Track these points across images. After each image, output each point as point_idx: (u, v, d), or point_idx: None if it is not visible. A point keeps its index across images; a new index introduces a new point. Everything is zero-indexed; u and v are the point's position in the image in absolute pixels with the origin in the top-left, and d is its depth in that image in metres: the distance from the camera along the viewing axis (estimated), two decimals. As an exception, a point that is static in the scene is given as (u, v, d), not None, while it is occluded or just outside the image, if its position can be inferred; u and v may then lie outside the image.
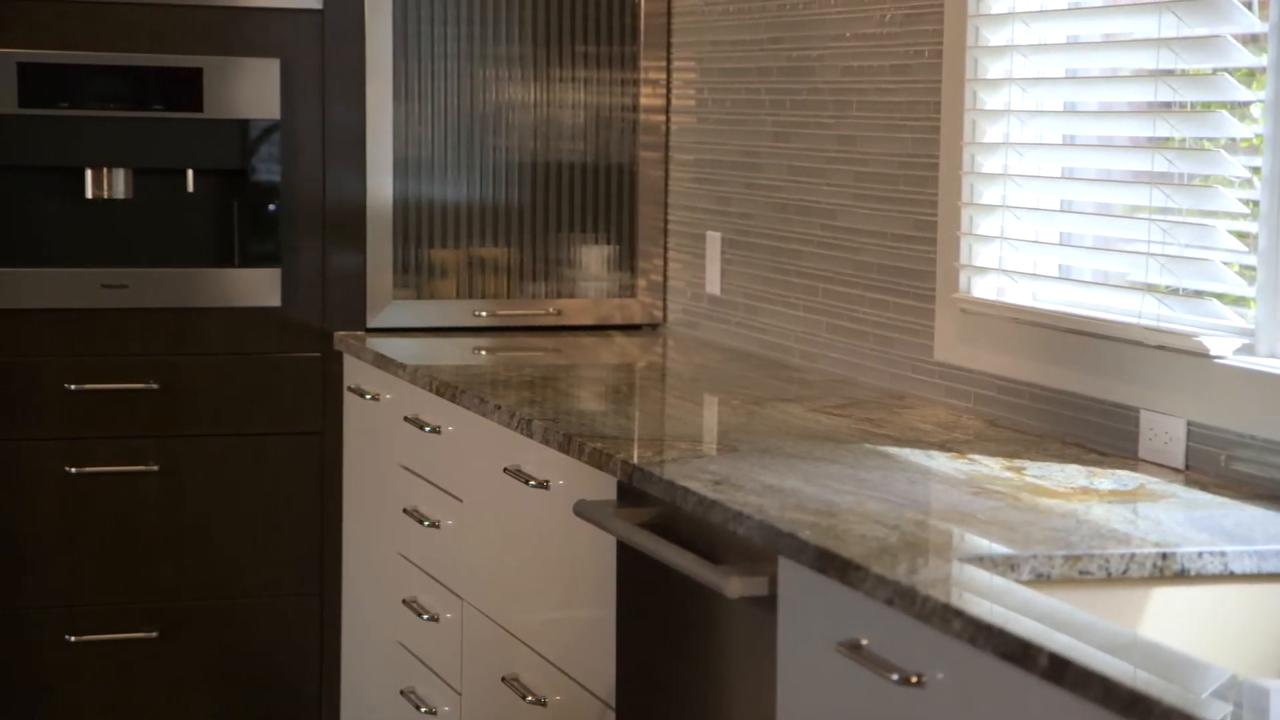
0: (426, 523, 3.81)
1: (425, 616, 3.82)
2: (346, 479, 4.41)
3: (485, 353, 4.21)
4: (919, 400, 3.49)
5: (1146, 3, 2.95)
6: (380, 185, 4.39)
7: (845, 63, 3.76)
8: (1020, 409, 3.22)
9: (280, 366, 4.38)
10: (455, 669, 3.71)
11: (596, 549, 3.04)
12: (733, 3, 4.22)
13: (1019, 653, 1.93)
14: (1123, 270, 3.03)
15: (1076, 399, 3.08)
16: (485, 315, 4.48)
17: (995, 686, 2.00)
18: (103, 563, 4.30)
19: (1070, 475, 2.79)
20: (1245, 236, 2.78)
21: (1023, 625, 1.97)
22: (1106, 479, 2.77)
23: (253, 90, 4.29)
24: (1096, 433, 3.03)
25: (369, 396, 4.19)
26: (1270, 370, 2.69)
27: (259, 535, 4.38)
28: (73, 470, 4.26)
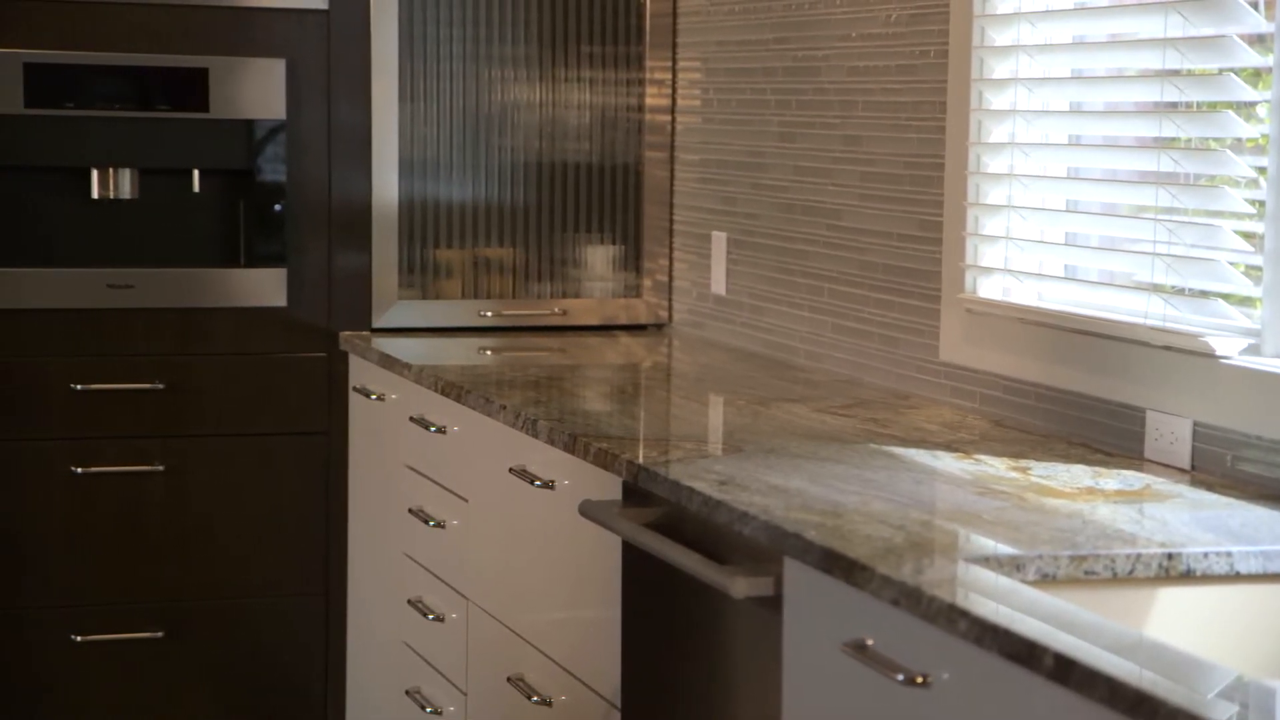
0: (432, 523, 3.81)
1: (430, 617, 3.82)
2: (352, 479, 4.41)
3: (490, 353, 4.21)
4: (924, 400, 3.49)
5: (1152, 3, 2.94)
6: (386, 185, 4.39)
7: (851, 63, 3.76)
8: (1026, 409, 3.22)
9: (286, 366, 4.38)
10: (460, 669, 3.71)
11: (602, 549, 3.04)
12: (738, 3, 4.22)
13: (1024, 653, 1.93)
14: (1128, 270, 3.03)
15: (1082, 399, 3.08)
16: (490, 315, 4.48)
17: (1001, 687, 2.00)
18: (108, 563, 4.30)
19: (1076, 475, 2.79)
20: (1251, 237, 2.78)
21: (1028, 625, 1.97)
22: (1112, 479, 2.77)
23: (258, 90, 4.29)
24: (1102, 433, 3.03)
25: (374, 396, 4.19)
26: (1276, 370, 2.69)
27: (264, 535, 4.38)
28: (78, 470, 4.26)
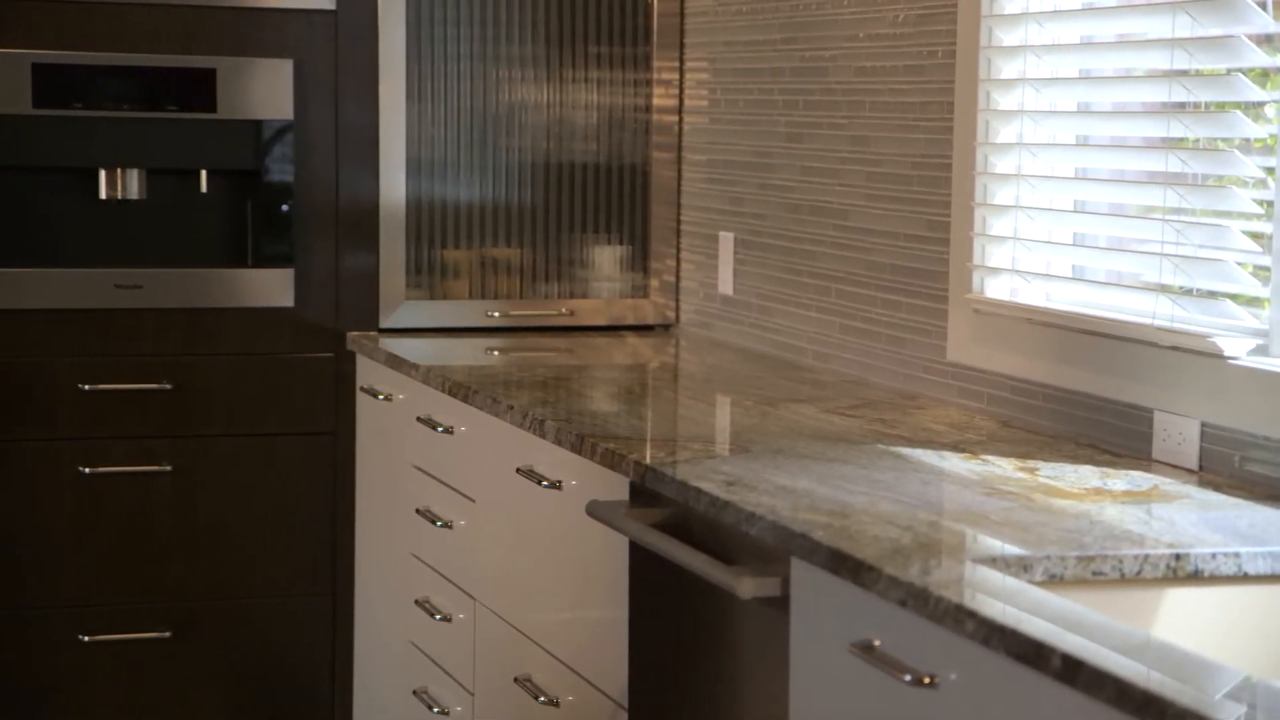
0: (439, 523, 3.81)
1: (438, 617, 3.82)
2: (359, 479, 4.41)
3: (498, 353, 4.21)
4: (932, 401, 3.48)
5: (1160, 3, 2.94)
6: (393, 185, 4.39)
7: (858, 63, 3.76)
8: (1033, 410, 3.22)
9: (293, 367, 4.38)
10: (468, 669, 3.71)
11: (609, 549, 3.04)
12: (746, 3, 4.22)
13: (1032, 654, 1.93)
14: (1136, 271, 3.03)
15: (1090, 399, 3.07)
16: (498, 315, 4.48)
17: (1008, 687, 1.99)
18: (115, 563, 4.30)
19: (1083, 476, 2.79)
20: (1259, 237, 2.78)
21: (1036, 626, 1.97)
22: (1120, 480, 2.76)
23: (266, 91, 4.29)
24: (1110, 433, 3.02)
25: (382, 397, 4.19)
26: (1284, 371, 2.69)
27: (271, 535, 4.39)
28: (86, 470, 4.26)
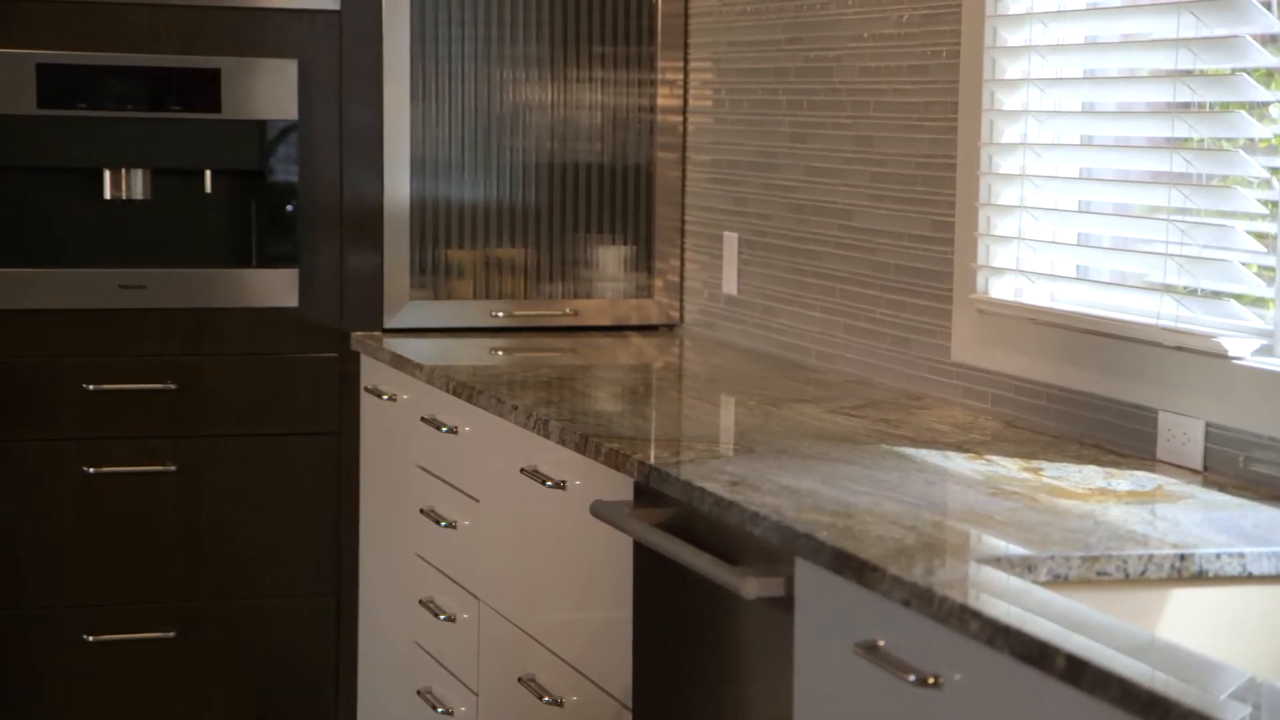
0: (443, 523, 3.81)
1: (442, 617, 3.83)
2: (363, 479, 4.41)
3: (502, 353, 4.21)
4: (936, 401, 3.48)
5: (1165, 3, 2.94)
6: (398, 186, 4.39)
7: (863, 63, 3.76)
8: (1038, 410, 3.21)
9: (297, 367, 4.38)
10: (472, 669, 3.71)
11: (613, 549, 3.04)
12: (750, 3, 4.22)
13: (1036, 654, 1.93)
14: (1141, 271, 3.03)
15: (1094, 400, 3.07)
16: (502, 316, 4.48)
17: (1012, 688, 1.99)
18: (120, 563, 4.30)
19: (1088, 476, 2.79)
20: (1264, 237, 2.77)
21: (1040, 626, 1.97)
22: (1124, 480, 2.76)
23: (270, 91, 4.29)
24: (1114, 434, 3.02)
25: (386, 397, 4.19)
26: (1289, 371, 2.68)
27: (276, 535, 4.39)
28: (90, 470, 4.26)
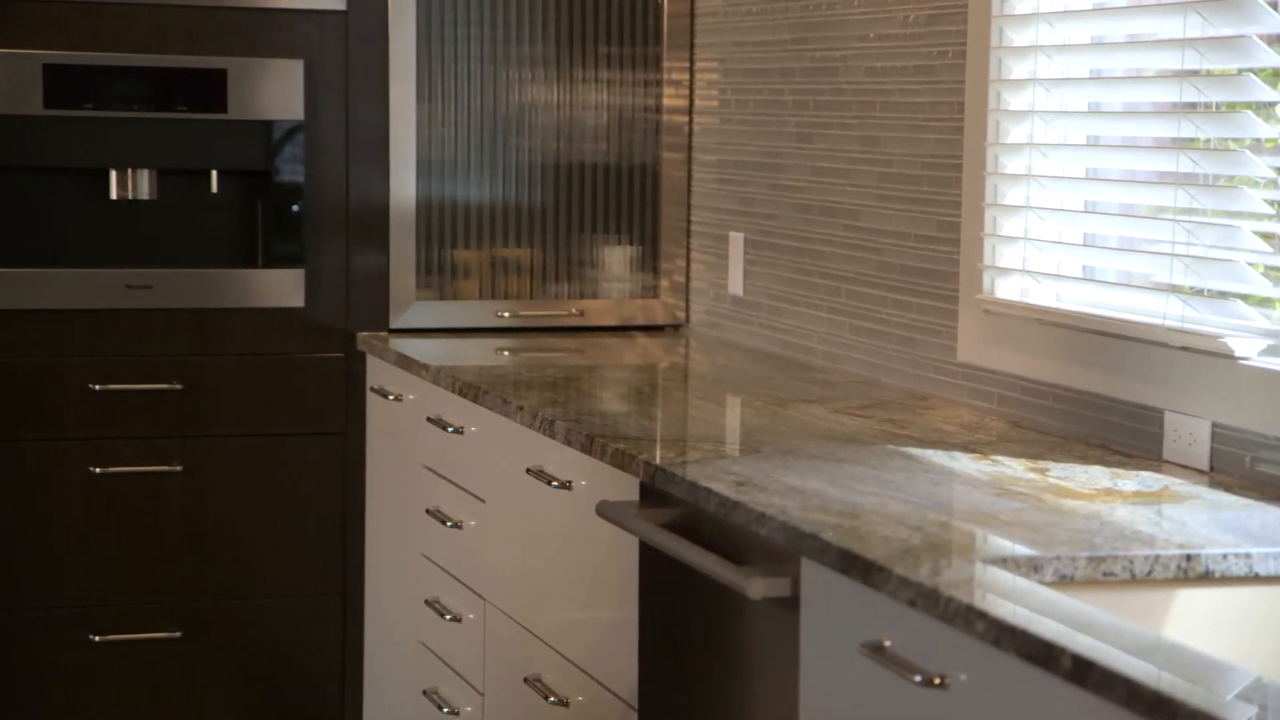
0: (449, 523, 3.81)
1: (448, 617, 3.83)
2: (369, 479, 4.42)
3: (508, 353, 4.21)
4: (942, 401, 3.48)
5: (1171, 3, 2.94)
6: (403, 186, 4.40)
7: (869, 63, 3.76)
8: (1044, 410, 3.21)
9: (303, 367, 4.38)
10: (478, 669, 3.71)
11: (619, 550, 3.04)
12: (756, 3, 4.21)
13: (1042, 654, 1.93)
14: (1147, 271, 3.02)
15: (1100, 400, 3.07)
16: (508, 316, 4.48)
17: (1018, 688, 1.99)
18: (126, 563, 4.31)
19: (1094, 476, 2.78)
20: (1270, 237, 2.77)
21: (1046, 627, 1.97)
22: (1130, 480, 2.76)
23: (277, 91, 4.29)
24: (1120, 434, 3.02)
25: (392, 397, 4.19)
26: (1295, 372, 2.68)
27: (282, 536, 4.39)
28: (96, 470, 4.27)
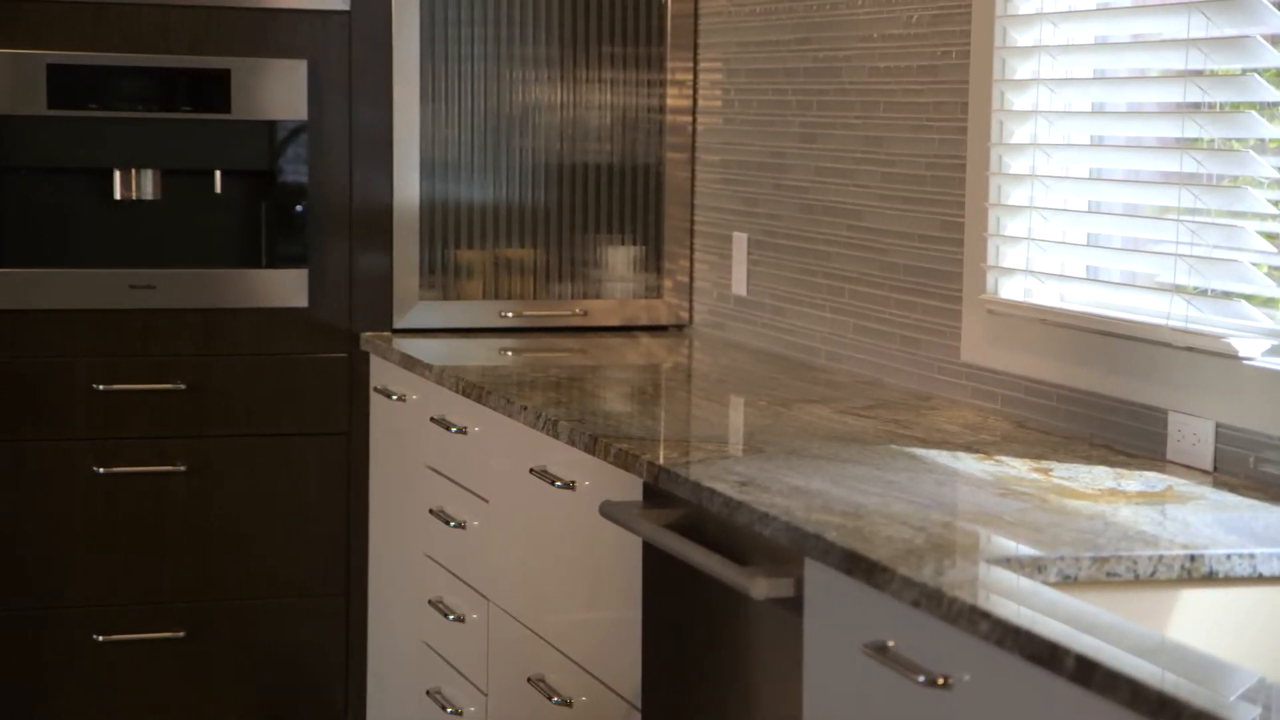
0: (452, 523, 3.81)
1: (451, 617, 3.83)
2: (373, 479, 4.42)
3: (511, 353, 4.21)
4: (946, 401, 3.48)
5: (1175, 3, 2.94)
6: (407, 186, 4.40)
7: (872, 64, 3.76)
8: (1047, 410, 3.21)
9: (307, 367, 4.38)
10: (481, 669, 3.71)
11: (622, 550, 3.04)
12: (760, 4, 4.21)
13: (1046, 655, 1.92)
14: (1151, 271, 3.02)
15: (1104, 400, 3.07)
16: (511, 316, 4.48)
17: (1022, 688, 1.99)
18: (130, 563, 4.31)
19: (1098, 477, 2.78)
20: (1274, 238, 2.77)
21: (1050, 627, 1.97)
22: (1134, 481, 2.76)
23: (280, 91, 4.29)
24: (1124, 434, 3.02)
25: (395, 397, 4.19)
26: (1299, 372, 2.68)
27: (285, 535, 4.39)
28: (101, 470, 4.27)
